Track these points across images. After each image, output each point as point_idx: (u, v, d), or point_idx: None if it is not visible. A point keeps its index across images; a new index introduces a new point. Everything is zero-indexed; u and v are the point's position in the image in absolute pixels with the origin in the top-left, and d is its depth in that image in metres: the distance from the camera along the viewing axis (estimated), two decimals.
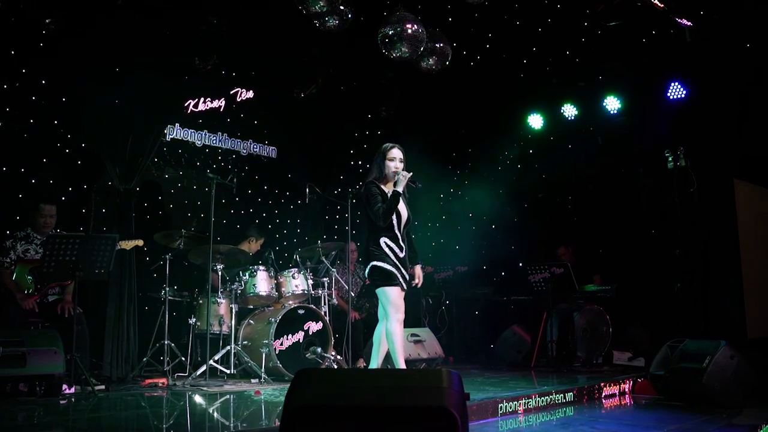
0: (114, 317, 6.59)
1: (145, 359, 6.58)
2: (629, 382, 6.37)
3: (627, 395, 6.25)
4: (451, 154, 9.99)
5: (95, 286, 6.81)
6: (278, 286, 6.91)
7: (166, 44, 7.03)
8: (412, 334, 7.38)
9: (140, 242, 6.44)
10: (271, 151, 8.55)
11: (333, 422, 2.87)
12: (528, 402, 5.31)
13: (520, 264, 8.91)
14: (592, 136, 8.80)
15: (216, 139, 8.05)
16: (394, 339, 5.14)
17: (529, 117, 9.31)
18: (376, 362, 5.23)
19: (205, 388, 5.86)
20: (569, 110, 8.88)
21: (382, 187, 5.21)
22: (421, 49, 5.79)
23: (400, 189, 5.12)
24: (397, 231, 5.15)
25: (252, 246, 7.50)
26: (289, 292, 6.91)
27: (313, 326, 6.69)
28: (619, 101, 8.41)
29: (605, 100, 8.48)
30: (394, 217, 5.09)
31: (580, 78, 8.72)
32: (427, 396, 2.85)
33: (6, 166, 6.62)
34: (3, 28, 6.36)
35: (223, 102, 7.91)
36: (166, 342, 6.50)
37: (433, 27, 7.52)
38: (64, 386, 5.35)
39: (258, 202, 8.57)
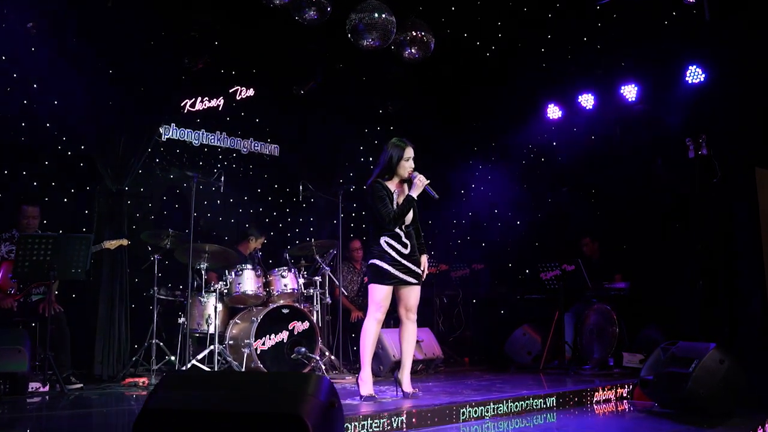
0: (105, 317, 6.65)
1: (134, 358, 6.61)
2: (628, 387, 5.95)
3: (625, 401, 5.83)
4: (469, 149, 9.69)
5: (88, 286, 6.91)
6: (267, 285, 6.82)
7: (158, 44, 7.08)
8: None
9: (125, 242, 6.47)
10: (273, 149, 8.48)
11: (183, 427, 2.72)
12: (497, 407, 5.01)
13: (536, 262, 8.50)
14: (610, 126, 8.33)
15: (214, 138, 8.03)
16: (365, 336, 5.04)
17: (548, 108, 8.90)
18: (365, 358, 5.05)
19: None
20: (587, 100, 8.43)
21: (388, 185, 5.06)
22: (391, 37, 5.56)
23: (415, 195, 5.02)
24: (398, 229, 5.02)
25: (252, 245, 7.44)
26: (278, 291, 6.80)
27: (299, 326, 6.56)
28: (636, 88, 7.92)
29: (622, 88, 8.00)
30: None
31: (597, 65, 8.27)
32: (282, 403, 2.66)
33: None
34: None
35: (222, 101, 7.88)
36: (154, 341, 6.51)
37: (438, 17, 7.35)
38: (36, 385, 5.41)
39: (261, 201, 8.51)
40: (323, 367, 6.57)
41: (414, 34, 6.08)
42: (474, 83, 8.84)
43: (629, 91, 7.96)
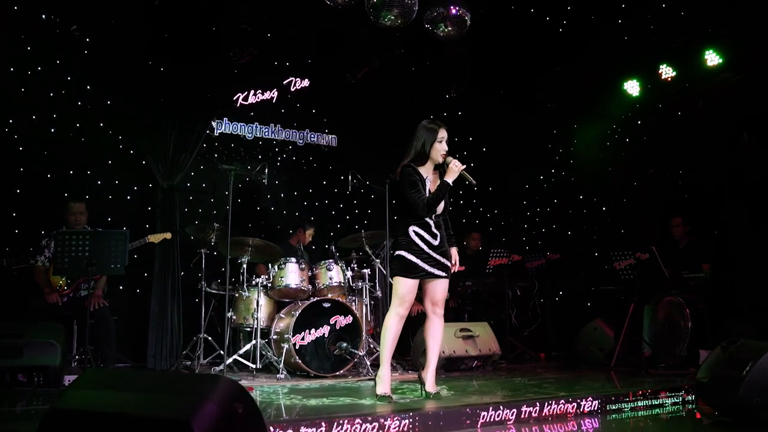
0: (157, 311, 6.75)
1: (184, 352, 6.67)
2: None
3: (688, 406, 5.18)
4: (547, 132, 9.10)
5: (145, 280, 7.06)
6: (313, 279, 6.66)
7: (207, 40, 7.10)
8: (462, 329, 6.75)
9: (168, 235, 6.53)
10: (331, 140, 8.32)
11: (79, 429, 2.59)
12: (526, 410, 4.57)
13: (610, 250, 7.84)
14: (692, 100, 7.51)
15: (268, 131, 7.97)
16: (387, 332, 4.75)
17: (625, 84, 8.17)
18: (385, 355, 4.77)
19: None
20: (666, 71, 7.65)
21: (420, 170, 4.77)
22: (413, 13, 5.21)
23: (450, 180, 4.71)
24: (428, 219, 4.73)
25: (302, 237, 7.33)
26: (324, 285, 6.63)
27: (341, 320, 6.36)
28: (719, 56, 7.08)
29: (705, 55, 7.18)
30: None
31: (678, 33, 7.48)
32: (175, 407, 2.46)
33: (61, 167, 7.01)
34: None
35: (276, 93, 7.81)
36: (201, 336, 6.53)
37: None
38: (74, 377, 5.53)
39: (320, 193, 8.39)
40: (368, 363, 6.35)
41: (447, 9, 5.67)
42: (545, 62, 8.28)
43: (713, 59, 7.14)
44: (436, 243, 4.74)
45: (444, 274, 4.79)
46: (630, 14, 7.70)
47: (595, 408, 4.81)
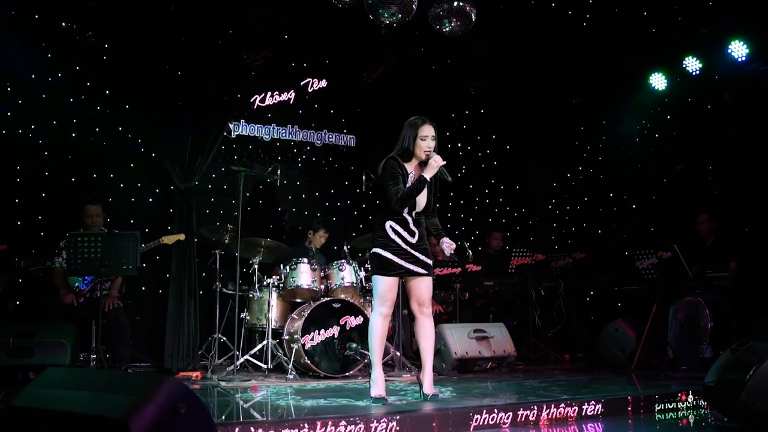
0: (174, 311, 6.82)
1: (199, 352, 6.74)
2: None
3: (701, 411, 4.99)
4: (571, 129, 8.91)
5: (162, 281, 7.17)
6: (325, 279, 6.65)
7: (223, 42, 7.16)
8: (476, 330, 6.65)
9: (182, 237, 6.61)
10: (349, 140, 8.30)
11: (28, 425, 2.63)
12: (522, 414, 4.46)
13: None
14: (719, 92, 7.24)
15: (285, 132, 7.99)
16: (373, 333, 4.70)
17: (651, 77, 7.93)
18: (374, 357, 4.73)
19: (223, 383, 5.79)
20: (692, 64, 7.39)
21: (405, 165, 4.72)
22: (413, 10, 5.14)
23: (428, 176, 4.62)
24: (406, 215, 4.66)
25: (313, 239, 7.33)
26: (336, 285, 6.62)
27: (352, 321, 6.34)
28: (745, 45, 6.81)
29: (730, 46, 6.92)
30: None
31: (703, 24, 7.21)
32: (116, 407, 2.47)
33: (83, 171, 7.17)
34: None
35: (293, 94, 7.82)
36: (216, 336, 6.60)
37: None
38: None
39: (339, 193, 8.39)
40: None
41: (452, 5, 5.59)
42: (568, 57, 8.09)
43: (739, 50, 6.86)
44: (413, 240, 4.65)
45: (424, 271, 4.69)
46: (652, 6, 7.46)
47: (598, 412, 4.68)
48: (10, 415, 2.66)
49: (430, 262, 4.72)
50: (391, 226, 4.63)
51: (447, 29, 5.64)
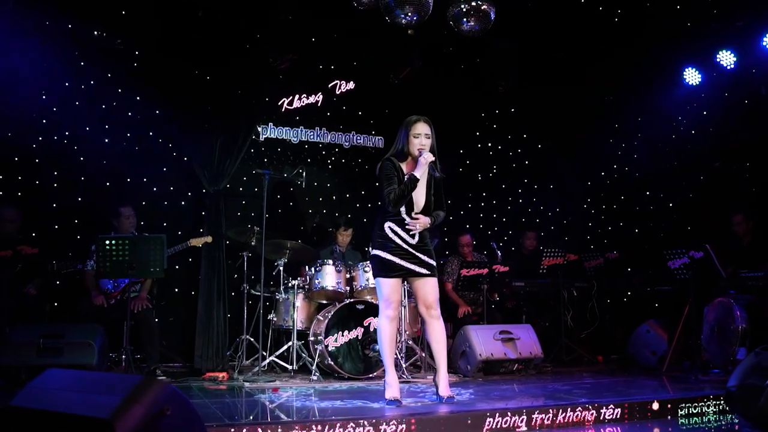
0: (204, 313, 6.93)
1: (228, 353, 6.84)
2: None
3: (727, 416, 4.84)
4: (605, 126, 8.74)
5: (194, 282, 7.29)
6: (351, 281, 6.68)
7: (250, 47, 7.26)
8: (502, 332, 6.58)
9: (209, 239, 6.71)
10: (377, 141, 8.31)
11: (20, 425, 2.72)
12: (538, 417, 4.40)
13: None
14: (755, 87, 7.01)
15: (313, 134, 8.05)
16: (381, 337, 4.70)
17: (685, 72, 7.73)
18: (385, 360, 4.73)
19: (248, 384, 5.86)
20: (727, 58, 7.18)
21: (401, 165, 4.73)
22: (429, 9, 5.11)
23: (418, 174, 4.61)
24: (405, 215, 4.64)
25: (340, 238, 7.37)
26: (361, 287, 6.64)
27: (375, 322, 6.34)
28: None
29: (765, 39, 6.70)
30: None
31: (737, 16, 7.00)
32: (103, 408, 2.53)
33: (118, 176, 7.36)
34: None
35: (321, 96, 7.87)
36: (244, 337, 6.69)
37: None
38: None
39: (368, 194, 8.40)
40: (403, 366, 6.29)
41: (470, 4, 5.54)
42: (599, 54, 7.95)
43: None
44: (413, 241, 4.62)
45: (426, 271, 4.64)
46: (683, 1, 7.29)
47: (617, 416, 4.59)
48: (9, 415, 2.74)
49: (432, 262, 4.69)
50: (390, 227, 4.62)
51: (466, 28, 5.59)
